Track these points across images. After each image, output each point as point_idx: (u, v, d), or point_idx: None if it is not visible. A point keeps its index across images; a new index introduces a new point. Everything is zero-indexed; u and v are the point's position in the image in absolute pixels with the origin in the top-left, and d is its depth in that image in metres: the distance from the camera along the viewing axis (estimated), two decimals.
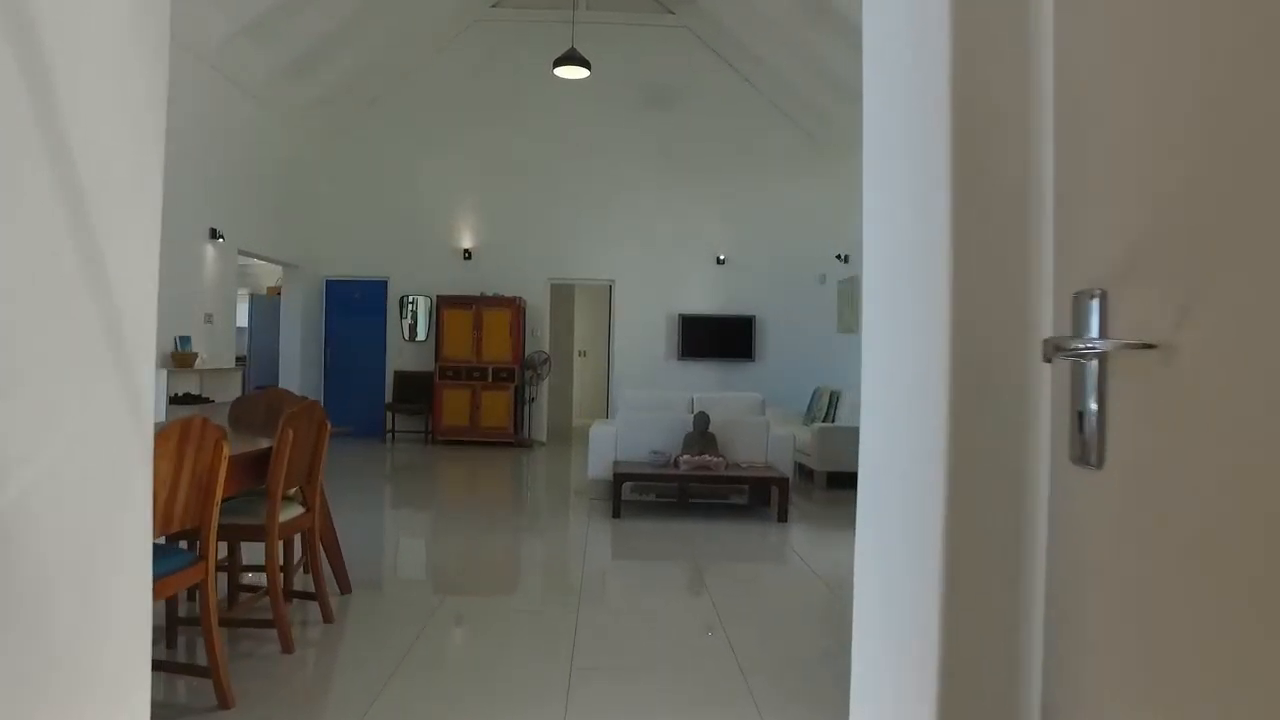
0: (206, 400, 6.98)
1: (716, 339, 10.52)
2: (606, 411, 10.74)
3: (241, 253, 8.29)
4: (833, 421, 8.43)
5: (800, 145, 10.57)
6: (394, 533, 5.58)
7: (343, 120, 10.22)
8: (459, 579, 4.32)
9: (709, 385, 10.41)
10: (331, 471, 8.36)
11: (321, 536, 3.66)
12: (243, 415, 4.03)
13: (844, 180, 9.99)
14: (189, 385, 7.17)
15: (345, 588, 3.75)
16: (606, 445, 6.39)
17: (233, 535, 3.04)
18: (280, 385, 9.64)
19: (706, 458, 5.94)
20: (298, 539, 3.53)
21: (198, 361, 7.31)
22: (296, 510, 3.27)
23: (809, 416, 8.84)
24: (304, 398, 4.02)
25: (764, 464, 6.24)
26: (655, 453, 6.06)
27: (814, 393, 9.06)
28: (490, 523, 5.69)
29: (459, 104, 10.39)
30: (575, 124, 10.48)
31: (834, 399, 8.54)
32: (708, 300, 10.60)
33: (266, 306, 10.42)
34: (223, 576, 3.41)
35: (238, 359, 11.63)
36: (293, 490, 3.30)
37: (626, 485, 5.91)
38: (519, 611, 3.82)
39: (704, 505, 6.34)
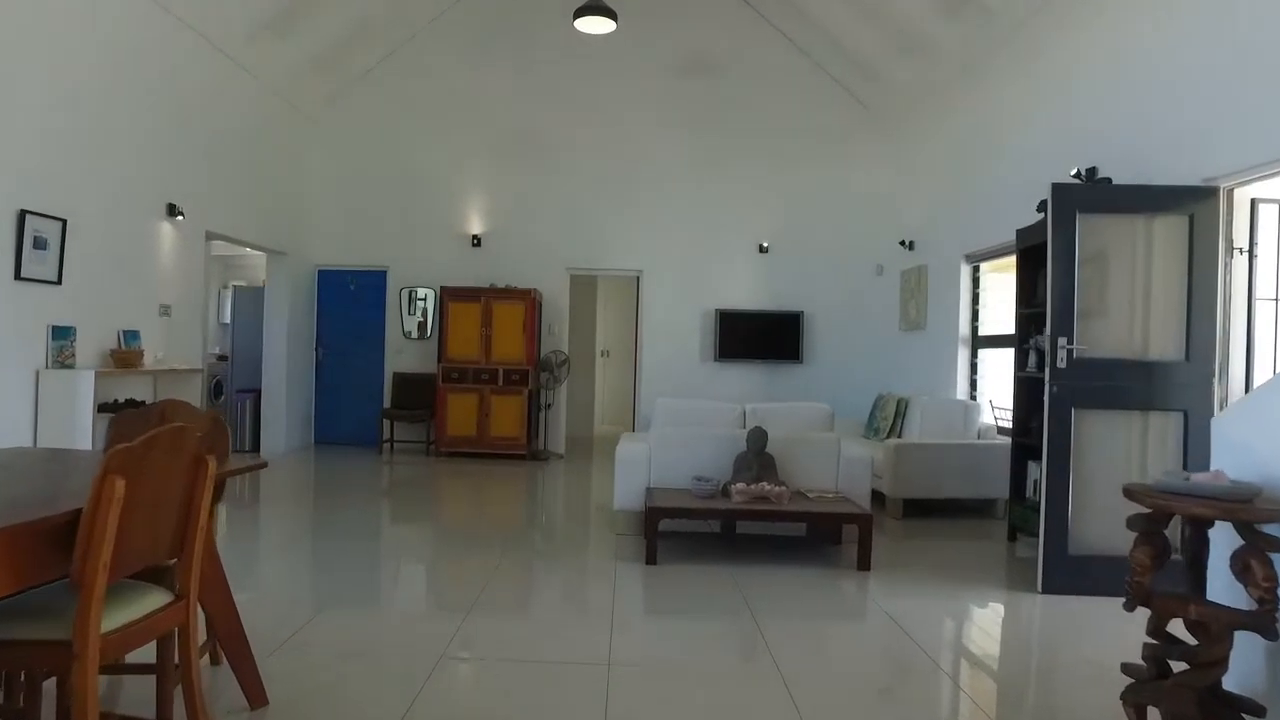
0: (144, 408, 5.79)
1: (759, 338, 9.23)
2: (633, 421, 9.49)
3: (212, 236, 7.12)
4: (899, 435, 7.14)
5: (854, 117, 9.25)
6: (370, 574, 4.36)
7: (335, 88, 9.04)
8: (454, 640, 3.07)
9: (751, 391, 9.12)
10: (313, 489, 7.23)
11: (220, 633, 2.44)
12: (125, 436, 2.81)
13: (905, 156, 8.67)
14: (137, 389, 6.00)
15: (258, 699, 2.52)
16: (638, 468, 5.14)
17: (12, 661, 1.82)
18: (263, 388, 8.49)
19: (765, 486, 4.66)
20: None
21: (150, 361, 6.14)
22: (154, 601, 2.03)
23: (871, 429, 7.53)
24: (200, 415, 2.81)
25: (835, 493, 4.96)
26: (699, 480, 4.79)
27: (876, 401, 7.75)
28: (495, 565, 4.44)
29: (467, 69, 9.18)
30: (599, 93, 9.23)
31: (901, 409, 7.23)
32: (749, 294, 9.31)
33: (253, 300, 9.27)
34: None
35: (219, 357, 10.53)
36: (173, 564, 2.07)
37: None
38: (529, 688, 2.58)
39: (754, 538, 5.07)
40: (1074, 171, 5.04)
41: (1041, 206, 5.08)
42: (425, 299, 9.22)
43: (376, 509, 6.10)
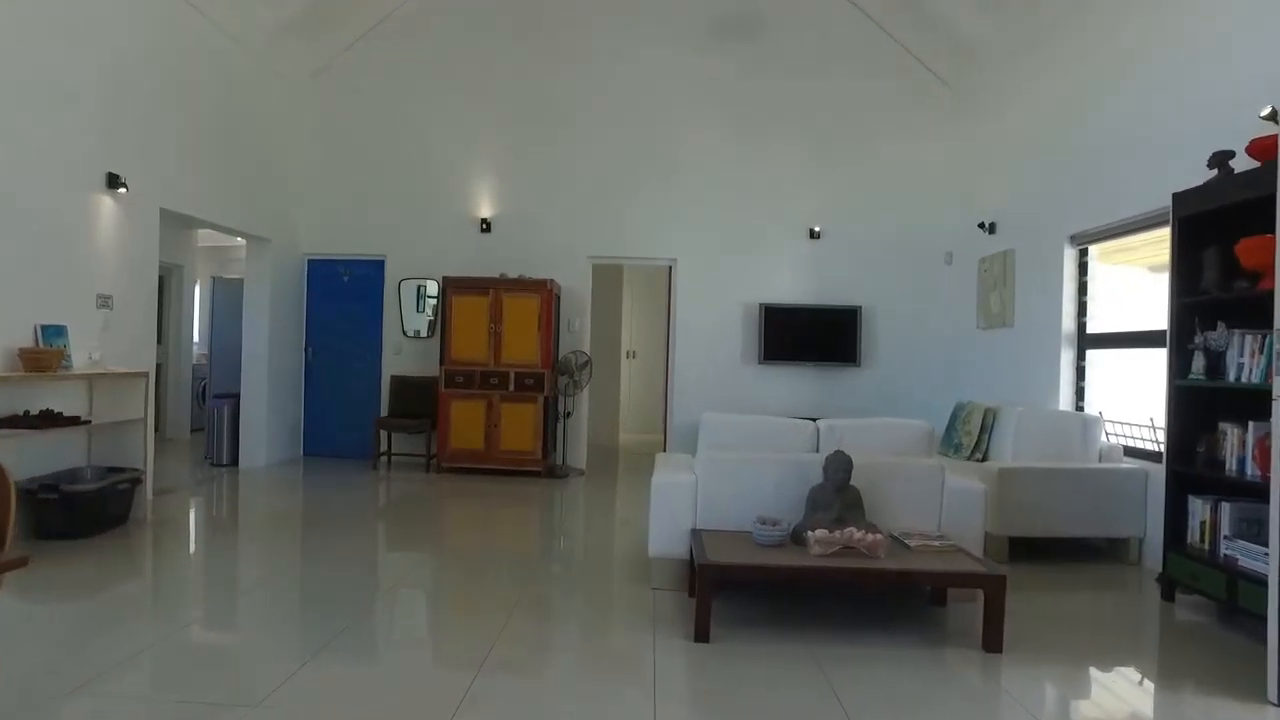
0: (62, 422, 4.66)
1: (809, 337, 8.01)
2: (663, 434, 8.29)
3: (170, 214, 6.03)
4: (984, 452, 5.92)
5: (920, 83, 8.01)
6: (357, 621, 3.21)
7: (325, 53, 7.95)
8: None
9: (801, 398, 7.92)
10: (293, 512, 6.09)
11: None
12: None
13: (983, 124, 7.41)
14: (62, 397, 4.90)
15: None
16: (680, 504, 3.95)
17: None
18: (242, 393, 7.40)
19: (854, 534, 3.47)
20: None
21: (81, 362, 5.04)
22: None
23: (950, 444, 6.29)
24: None
25: (939, 537, 3.74)
26: (765, 523, 3.60)
27: (955, 412, 6.50)
28: (502, 624, 3.29)
29: (474, 32, 8.05)
30: (626, 57, 8.07)
31: (989, 421, 6.00)
32: (798, 286, 8.09)
33: (233, 292, 8.22)
34: None
35: (198, 361, 9.48)
36: None
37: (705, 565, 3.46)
38: None
39: (830, 588, 3.87)
40: (1265, 112, 3.79)
41: (1215, 161, 3.85)
42: (424, 290, 8.09)
43: (363, 540, 4.94)
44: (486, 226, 8.05)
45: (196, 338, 9.82)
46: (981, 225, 7.20)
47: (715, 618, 3.35)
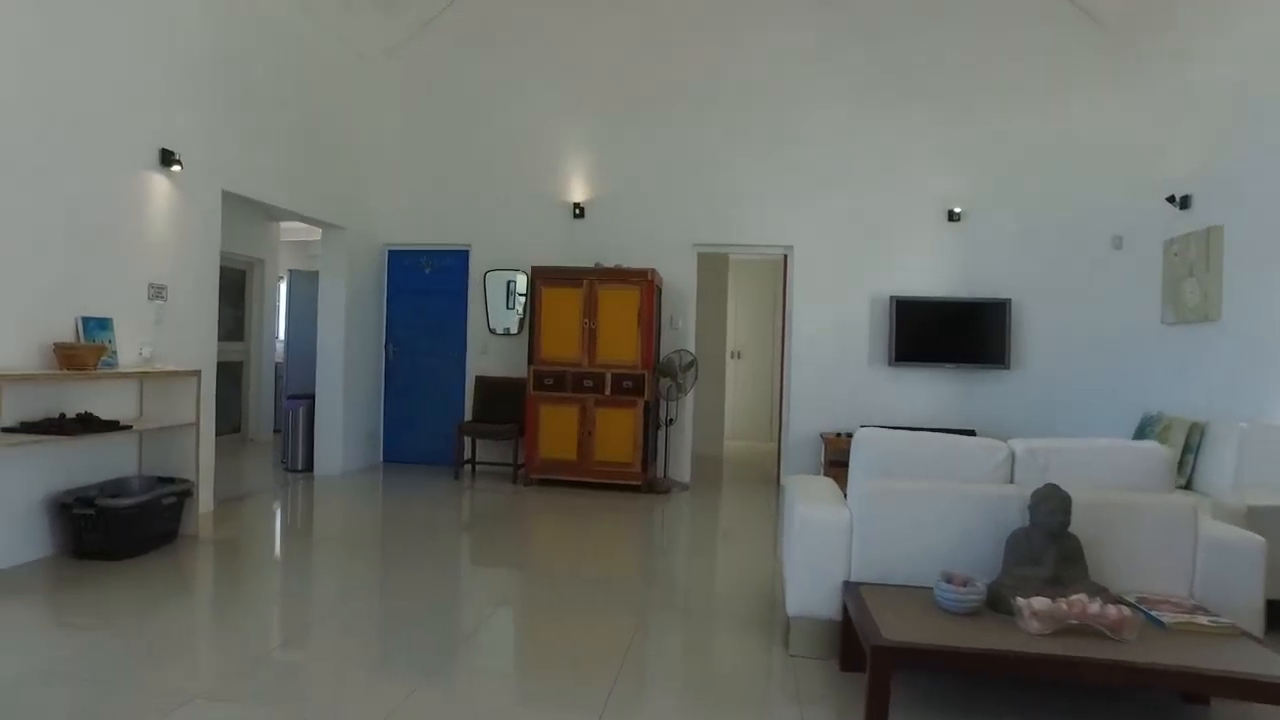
0: (98, 427, 4.01)
1: (949, 335, 6.89)
2: (777, 446, 7.31)
3: (233, 196, 5.45)
4: (1188, 480, 4.77)
5: (1082, 37, 6.78)
6: (436, 657, 2.45)
7: (405, 26, 7.32)
8: None
9: (938, 406, 6.82)
10: (368, 527, 5.38)
11: None
12: None
13: (1159, 77, 6.14)
14: (107, 398, 4.33)
15: None
16: (828, 548, 3.01)
17: None
18: (317, 394, 6.84)
19: (1085, 603, 2.45)
20: None
21: (131, 360, 4.47)
22: None
23: None
24: None
25: (1196, 608, 2.67)
26: (953, 587, 2.62)
27: (1143, 426, 5.31)
28: (602, 703, 2.44)
29: (566, 3, 7.28)
30: (733, 20, 7.14)
31: (1194, 439, 4.81)
32: (935, 276, 6.99)
33: (310, 286, 7.71)
34: None
35: (281, 359, 9.04)
36: None
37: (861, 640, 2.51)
38: None
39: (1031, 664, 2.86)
40: None
41: None
42: (512, 282, 7.37)
43: (435, 569, 4.17)
44: (579, 212, 7.26)
45: (281, 335, 9.42)
46: (1171, 199, 5.95)
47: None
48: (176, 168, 4.75)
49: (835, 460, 6.57)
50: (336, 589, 3.91)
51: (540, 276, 6.64)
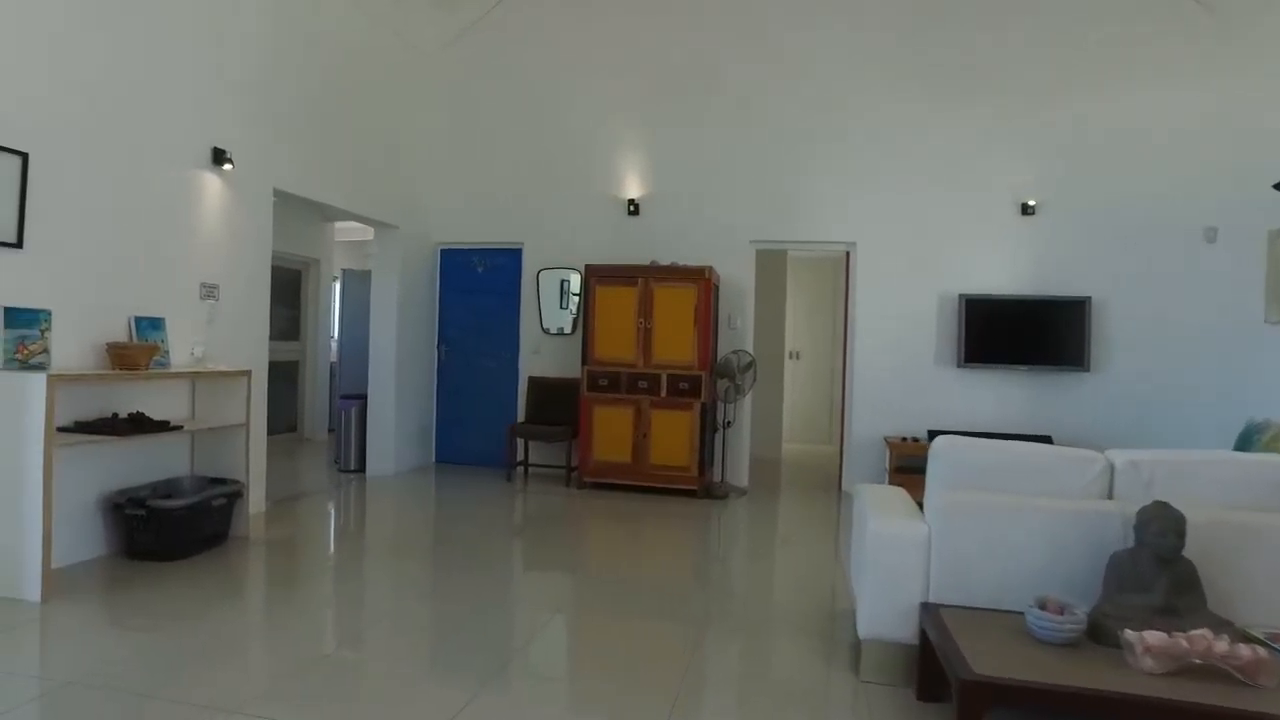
0: (149, 427, 3.94)
1: (1023, 335, 6.53)
2: (840, 452, 7.02)
3: (283, 194, 5.40)
4: None
5: (1172, 13, 6.35)
6: (489, 663, 2.30)
7: (458, 21, 7.24)
8: None
9: (1012, 410, 6.47)
10: (420, 531, 5.22)
11: None
12: None
13: (1260, 57, 5.70)
14: (158, 398, 4.30)
15: None
16: (904, 566, 2.77)
17: None
18: (369, 394, 6.79)
19: (1210, 639, 2.17)
20: None
21: (183, 359, 4.44)
22: None
23: None
24: None
25: None
26: (1049, 614, 2.36)
27: (1247, 434, 4.90)
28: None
29: None
30: (797, 14, 6.88)
31: None
32: (1007, 273, 6.63)
33: (363, 286, 7.68)
34: None
35: (336, 359, 9.06)
36: None
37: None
38: None
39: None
40: None
41: None
42: (566, 281, 7.23)
43: (486, 576, 4.02)
44: (634, 208, 7.08)
45: (335, 334, 9.46)
46: (1278, 186, 5.51)
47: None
48: (228, 166, 4.71)
49: (901, 466, 6.27)
50: (388, 591, 3.79)
51: (594, 275, 6.48)
